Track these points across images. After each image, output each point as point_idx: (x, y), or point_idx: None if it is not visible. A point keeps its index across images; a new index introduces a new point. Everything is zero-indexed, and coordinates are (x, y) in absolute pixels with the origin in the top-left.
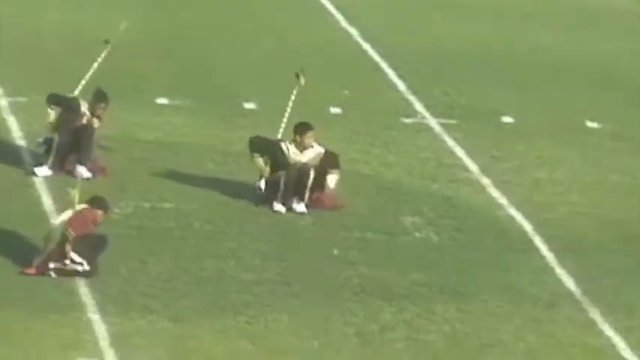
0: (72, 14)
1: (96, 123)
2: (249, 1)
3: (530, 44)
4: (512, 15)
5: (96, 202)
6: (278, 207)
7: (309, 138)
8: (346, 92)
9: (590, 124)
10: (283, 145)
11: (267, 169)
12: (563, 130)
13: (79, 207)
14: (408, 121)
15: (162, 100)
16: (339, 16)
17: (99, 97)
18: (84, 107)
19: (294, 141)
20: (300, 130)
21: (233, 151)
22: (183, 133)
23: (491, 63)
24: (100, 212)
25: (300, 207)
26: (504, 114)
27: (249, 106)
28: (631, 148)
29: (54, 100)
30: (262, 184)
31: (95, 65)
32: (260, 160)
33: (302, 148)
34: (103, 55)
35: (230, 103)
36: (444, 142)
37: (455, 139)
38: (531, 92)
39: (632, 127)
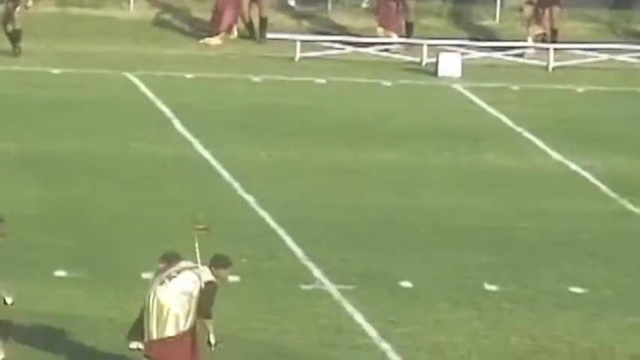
0: None
1: None
2: (150, 173)
3: (428, 208)
4: (408, 180)
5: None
6: None
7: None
8: (244, 260)
9: (488, 286)
10: None
11: None
12: (460, 293)
13: None
14: (307, 287)
15: (60, 273)
16: (235, 185)
17: None
18: None
19: None
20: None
21: (129, 322)
22: (80, 305)
23: (390, 229)
24: None
25: None
26: (402, 279)
27: (146, 276)
28: (530, 310)
29: None
30: None
31: None
32: None
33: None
34: None
35: (128, 273)
36: (342, 308)
37: (354, 305)
38: (429, 256)
39: (529, 289)
